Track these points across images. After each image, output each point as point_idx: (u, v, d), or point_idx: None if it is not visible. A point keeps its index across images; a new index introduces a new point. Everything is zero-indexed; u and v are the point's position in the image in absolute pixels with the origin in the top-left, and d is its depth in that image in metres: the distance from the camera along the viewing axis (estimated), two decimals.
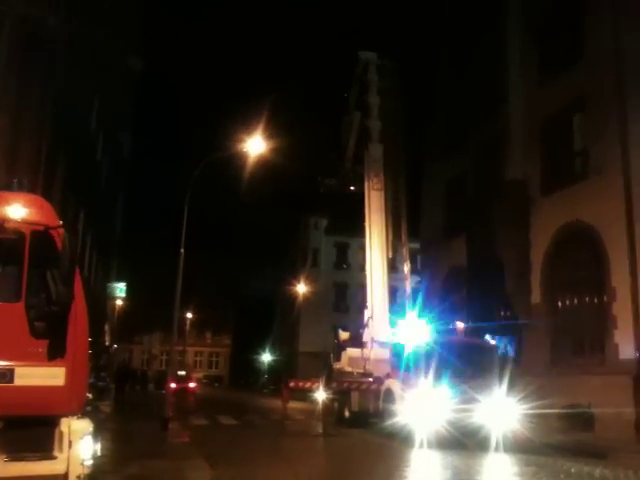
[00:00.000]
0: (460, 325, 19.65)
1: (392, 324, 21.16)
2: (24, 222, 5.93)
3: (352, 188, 24.25)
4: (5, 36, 14.34)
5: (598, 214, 18.87)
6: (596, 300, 19.26)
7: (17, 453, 5.61)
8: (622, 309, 17.65)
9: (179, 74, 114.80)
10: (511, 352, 22.32)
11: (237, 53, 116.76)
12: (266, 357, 70.46)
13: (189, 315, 63.86)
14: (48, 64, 15.00)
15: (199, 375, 65.44)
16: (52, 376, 5.72)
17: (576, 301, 20.22)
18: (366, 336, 21.54)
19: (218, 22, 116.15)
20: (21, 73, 14.28)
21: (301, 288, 57.02)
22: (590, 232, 19.23)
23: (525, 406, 15.32)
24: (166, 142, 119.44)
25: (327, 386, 20.61)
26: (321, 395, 19.98)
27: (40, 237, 5.89)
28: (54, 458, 5.81)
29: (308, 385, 22.14)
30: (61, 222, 6.20)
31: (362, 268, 25.72)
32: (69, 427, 5.87)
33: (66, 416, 5.89)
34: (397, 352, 17.99)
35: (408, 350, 16.86)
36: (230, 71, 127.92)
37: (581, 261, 20.12)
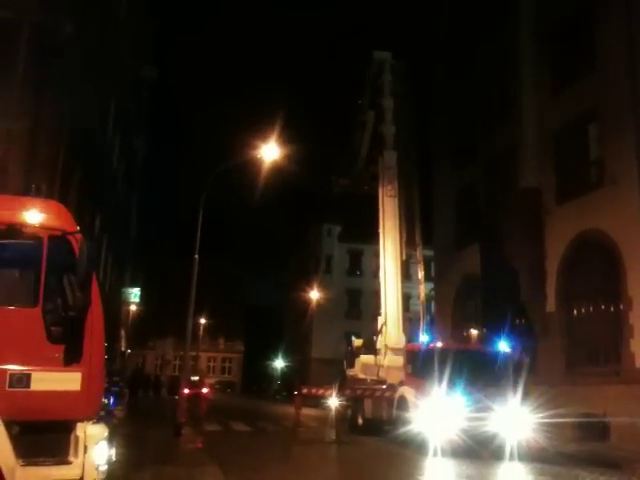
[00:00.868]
0: (474, 333, 19.59)
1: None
2: (42, 227, 5.97)
3: (366, 188, 24.22)
4: (23, 44, 14.50)
5: (613, 223, 18.76)
6: (612, 309, 19.12)
7: (33, 458, 5.64)
8: (638, 318, 17.49)
9: (192, 82, 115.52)
10: (526, 360, 22.17)
11: (249, 59, 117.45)
12: (279, 363, 70.45)
13: (202, 321, 64.03)
14: (65, 72, 15.14)
15: (212, 381, 65.49)
16: (68, 381, 5.74)
17: (592, 310, 20.08)
18: (379, 343, 21.48)
19: (229, 30, 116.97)
20: (38, 81, 14.42)
21: (314, 294, 57.03)
22: (605, 241, 19.11)
23: (540, 415, 15.19)
24: (180, 149, 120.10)
25: (340, 393, 20.55)
26: (334, 402, 19.92)
27: (57, 242, 5.93)
28: (69, 463, 5.82)
29: (321, 392, 22.09)
30: (78, 227, 6.24)
31: (375, 275, 25.72)
32: (84, 432, 5.88)
33: (82, 421, 5.91)
34: (411, 359, 17.94)
35: (422, 357, 16.80)
36: (243, 77, 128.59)
37: (596, 270, 19.99)
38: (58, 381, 5.72)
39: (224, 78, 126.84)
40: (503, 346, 17.85)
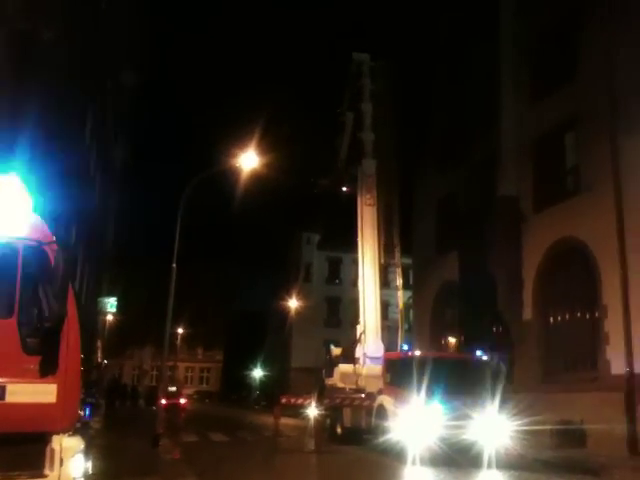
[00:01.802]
0: (452, 341, 19.71)
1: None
2: (17, 237, 5.90)
3: (345, 189, 24.29)
4: (1, 50, 14.35)
5: (590, 231, 18.98)
6: (588, 316, 19.31)
7: (8, 471, 5.56)
8: (614, 325, 17.69)
9: (173, 88, 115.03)
10: (503, 368, 22.31)
11: (228, 63, 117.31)
12: (258, 373, 70.12)
13: (180, 330, 63.59)
14: (43, 78, 15.01)
15: (190, 391, 65.01)
16: (44, 393, 5.67)
17: (568, 317, 20.27)
18: (358, 352, 21.50)
19: (210, 36, 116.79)
20: (15, 88, 14.28)
21: (293, 303, 56.96)
22: (582, 249, 19.32)
23: (517, 422, 15.30)
24: (159, 156, 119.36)
25: (319, 402, 20.50)
26: (313, 411, 19.88)
27: (33, 252, 5.87)
28: (45, 476, 5.74)
29: (300, 401, 22.03)
30: (54, 237, 6.18)
31: (354, 283, 25.77)
32: (60, 444, 5.82)
33: (57, 433, 5.84)
34: (390, 368, 17.98)
35: (401, 366, 16.85)
36: (223, 83, 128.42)
37: (573, 277, 20.19)
38: (33, 393, 5.65)
39: (207, 85, 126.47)
40: (481, 354, 17.98)
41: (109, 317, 43.64)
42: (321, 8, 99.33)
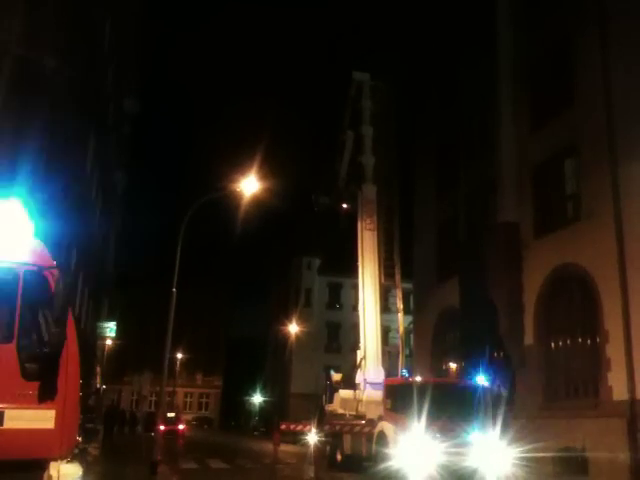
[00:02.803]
0: (453, 366, 19.59)
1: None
2: (17, 262, 5.92)
3: (345, 206, 24.32)
4: (4, 77, 14.49)
5: (590, 257, 18.98)
6: (589, 342, 19.23)
7: None
8: (615, 351, 17.61)
9: (174, 113, 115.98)
10: (504, 394, 22.17)
11: (228, 84, 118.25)
12: (257, 398, 69.66)
13: (179, 355, 63.25)
14: (47, 105, 15.14)
15: (189, 417, 64.46)
16: (42, 419, 5.64)
17: (569, 343, 20.18)
18: (358, 377, 21.38)
19: (210, 57, 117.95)
20: (17, 115, 14.39)
21: (293, 328, 56.73)
22: (582, 275, 19.31)
23: (518, 449, 15.14)
24: (160, 181, 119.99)
25: (319, 429, 20.34)
26: (313, 438, 19.71)
27: (34, 277, 5.88)
28: None
29: (300, 428, 21.86)
30: (55, 262, 6.19)
31: (355, 308, 25.75)
32: (58, 471, 5.77)
33: (55, 460, 5.80)
34: (390, 394, 17.85)
35: (401, 392, 16.74)
36: (223, 107, 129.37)
37: (574, 303, 20.15)
38: (32, 419, 5.62)
39: (208, 111, 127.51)
40: (482, 380, 17.88)
41: (108, 342, 43.44)
42: (318, 27, 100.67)
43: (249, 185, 19.09)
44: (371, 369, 21.14)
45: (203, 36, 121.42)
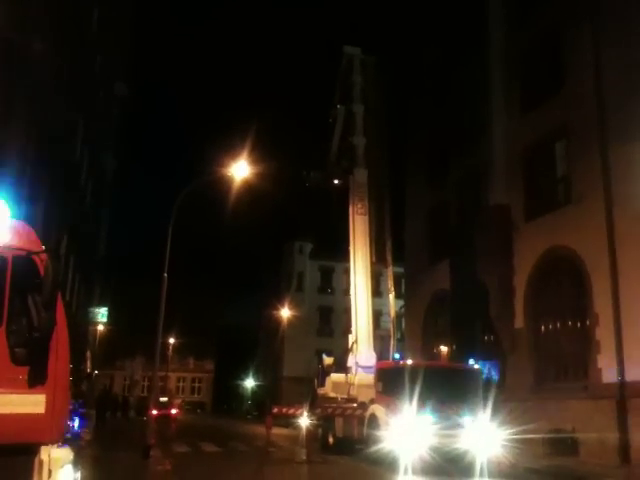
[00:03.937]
0: (444, 349, 19.70)
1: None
2: (6, 247, 5.86)
3: (336, 182, 24.22)
4: None
5: (580, 240, 19.06)
6: (579, 325, 19.36)
7: None
8: (605, 334, 17.75)
9: (164, 98, 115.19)
10: (495, 377, 22.34)
11: (219, 70, 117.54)
12: (249, 382, 69.89)
13: (172, 340, 63.31)
14: (34, 89, 14.99)
15: (181, 401, 64.66)
16: (32, 403, 5.61)
17: (559, 326, 20.32)
18: (350, 361, 21.46)
19: (200, 43, 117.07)
20: (6, 98, 14.25)
21: (285, 312, 56.80)
22: (572, 258, 19.40)
23: (509, 431, 15.29)
24: (151, 166, 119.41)
25: (311, 412, 20.43)
26: (305, 421, 19.80)
27: (22, 262, 5.83)
28: None
29: (292, 411, 21.94)
30: (44, 247, 6.14)
31: (347, 292, 25.70)
32: (49, 456, 5.75)
33: (46, 444, 5.78)
34: (382, 377, 17.94)
35: (393, 375, 16.82)
36: (215, 93, 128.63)
37: (564, 286, 20.26)
38: (22, 404, 5.59)
39: (198, 95, 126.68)
40: (472, 363, 17.99)
41: (100, 327, 43.38)
42: (312, 8, 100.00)
43: (240, 169, 19.01)
44: (363, 353, 21.21)
45: (191, 18, 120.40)
